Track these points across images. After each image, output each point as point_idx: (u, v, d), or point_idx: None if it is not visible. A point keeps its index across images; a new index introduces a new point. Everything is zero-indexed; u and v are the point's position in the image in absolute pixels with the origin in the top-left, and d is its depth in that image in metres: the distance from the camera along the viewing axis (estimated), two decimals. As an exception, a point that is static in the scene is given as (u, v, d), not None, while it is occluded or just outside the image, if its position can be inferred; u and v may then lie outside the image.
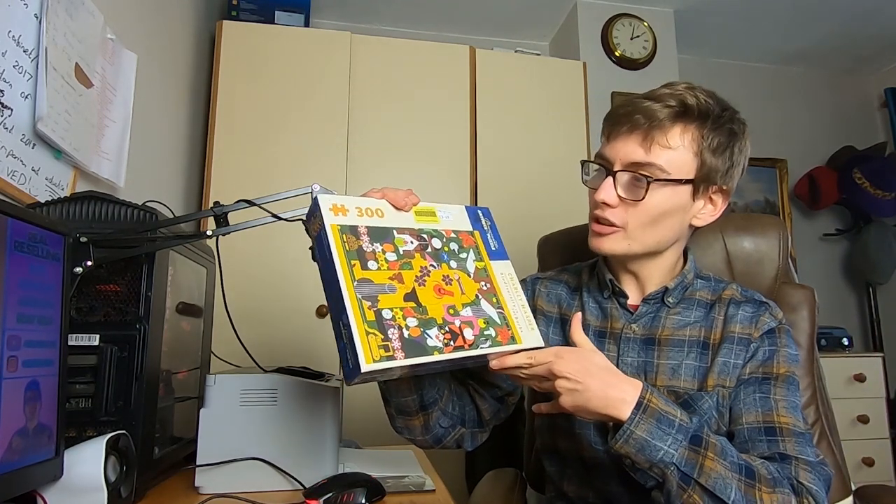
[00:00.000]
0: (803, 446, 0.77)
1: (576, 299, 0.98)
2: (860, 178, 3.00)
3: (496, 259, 0.82)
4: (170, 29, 1.85)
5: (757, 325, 0.86)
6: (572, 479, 0.95)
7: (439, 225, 0.80)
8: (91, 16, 1.24)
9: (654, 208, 0.83)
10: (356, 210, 0.74)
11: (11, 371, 0.60)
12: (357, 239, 0.71)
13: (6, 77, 0.97)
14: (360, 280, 0.67)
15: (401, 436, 0.92)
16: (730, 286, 0.93)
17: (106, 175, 1.32)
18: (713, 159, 0.82)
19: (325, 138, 2.11)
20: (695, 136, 0.82)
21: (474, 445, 0.96)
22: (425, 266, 0.74)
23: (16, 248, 0.62)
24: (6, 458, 0.59)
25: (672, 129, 0.81)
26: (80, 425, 0.77)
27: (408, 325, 0.67)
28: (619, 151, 0.83)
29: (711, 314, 0.89)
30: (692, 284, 0.92)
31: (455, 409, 0.91)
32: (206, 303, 1.11)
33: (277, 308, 1.95)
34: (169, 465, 0.91)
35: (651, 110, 0.81)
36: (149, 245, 0.82)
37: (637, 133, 0.82)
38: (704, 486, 0.68)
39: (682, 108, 0.81)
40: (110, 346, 0.79)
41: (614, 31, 2.75)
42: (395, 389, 0.84)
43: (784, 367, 0.84)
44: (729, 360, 0.85)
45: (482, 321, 0.73)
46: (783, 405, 0.81)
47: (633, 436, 0.69)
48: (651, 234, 0.85)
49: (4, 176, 0.96)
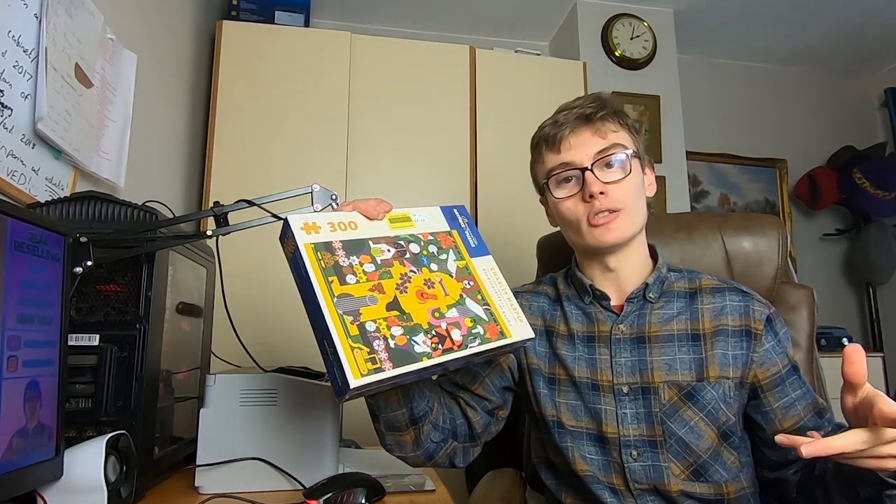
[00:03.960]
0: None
1: (557, 309, 0.98)
2: (860, 178, 3.00)
3: (477, 255, 0.82)
4: (170, 29, 1.85)
5: (753, 317, 0.88)
6: (569, 492, 0.95)
7: (415, 229, 0.80)
8: (91, 16, 1.24)
9: (635, 178, 0.90)
10: (328, 226, 0.73)
11: (11, 371, 0.60)
12: (332, 255, 0.70)
13: (6, 77, 0.97)
14: (339, 296, 0.66)
15: (391, 454, 0.89)
16: (703, 275, 0.96)
17: (106, 175, 1.32)
18: (637, 137, 0.94)
19: (324, 138, 2.10)
20: (620, 121, 0.92)
21: (466, 461, 0.94)
22: (405, 273, 0.73)
23: (16, 248, 0.62)
24: (6, 458, 0.59)
25: (605, 119, 0.91)
26: (80, 425, 0.77)
27: (393, 335, 0.66)
28: (582, 150, 0.89)
29: (694, 304, 0.91)
30: (668, 278, 0.95)
31: (446, 423, 0.90)
32: (206, 303, 1.11)
33: (277, 308, 1.95)
34: (169, 465, 0.91)
35: (582, 112, 0.90)
36: (149, 245, 0.82)
37: (585, 130, 0.90)
38: None
39: (600, 103, 0.91)
40: (110, 346, 0.79)
41: (614, 31, 2.75)
42: (385, 404, 0.82)
43: (791, 349, 0.90)
44: (728, 352, 0.87)
45: (469, 320, 0.73)
46: (809, 386, 0.89)
47: None
48: (641, 207, 0.92)
49: (4, 176, 0.96)
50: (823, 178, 3.14)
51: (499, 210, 2.18)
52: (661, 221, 1.24)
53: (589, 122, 0.90)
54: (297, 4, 2.31)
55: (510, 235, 1.97)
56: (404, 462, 0.91)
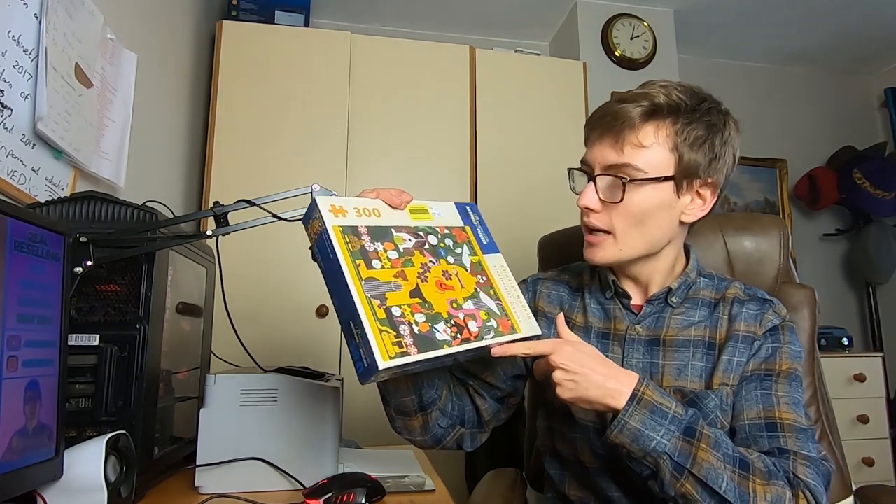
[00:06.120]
0: (804, 441, 0.77)
1: (577, 300, 0.98)
2: (860, 178, 3.00)
3: (488, 253, 0.84)
4: (170, 29, 1.85)
5: (761, 323, 0.86)
6: (573, 483, 0.95)
7: (433, 222, 0.81)
8: (91, 16, 1.24)
9: (635, 208, 0.82)
10: (354, 210, 0.74)
11: (11, 371, 0.60)
12: (359, 239, 0.71)
13: (6, 77, 0.97)
14: (367, 279, 0.67)
15: (400, 436, 0.92)
16: (733, 284, 0.92)
17: (106, 175, 1.32)
18: (692, 153, 0.81)
19: (324, 138, 2.11)
20: (668, 132, 0.81)
21: (474, 446, 0.96)
22: (425, 262, 0.75)
23: (16, 247, 0.61)
24: (6, 458, 0.59)
25: (643, 127, 0.81)
26: (80, 425, 0.77)
27: (416, 321, 0.68)
28: (597, 156, 0.84)
29: (716, 314, 0.89)
30: (695, 283, 0.92)
31: (454, 409, 0.91)
32: (206, 303, 1.11)
33: (277, 308, 1.95)
34: (169, 465, 0.91)
35: (621, 111, 0.81)
36: (149, 245, 0.82)
37: (609, 135, 0.83)
38: (697, 475, 0.70)
39: (651, 106, 0.81)
40: (110, 346, 0.79)
41: (614, 31, 2.75)
42: (395, 389, 0.84)
43: (787, 363, 0.84)
44: (733, 359, 0.84)
45: (483, 313, 0.75)
46: (785, 401, 0.81)
47: (627, 426, 0.71)
48: (640, 236, 0.85)
49: (4, 176, 0.96)
50: (823, 178, 3.14)
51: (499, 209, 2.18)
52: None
53: (615, 129, 0.82)
54: (297, 4, 2.31)
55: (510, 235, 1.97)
56: (413, 444, 0.93)
